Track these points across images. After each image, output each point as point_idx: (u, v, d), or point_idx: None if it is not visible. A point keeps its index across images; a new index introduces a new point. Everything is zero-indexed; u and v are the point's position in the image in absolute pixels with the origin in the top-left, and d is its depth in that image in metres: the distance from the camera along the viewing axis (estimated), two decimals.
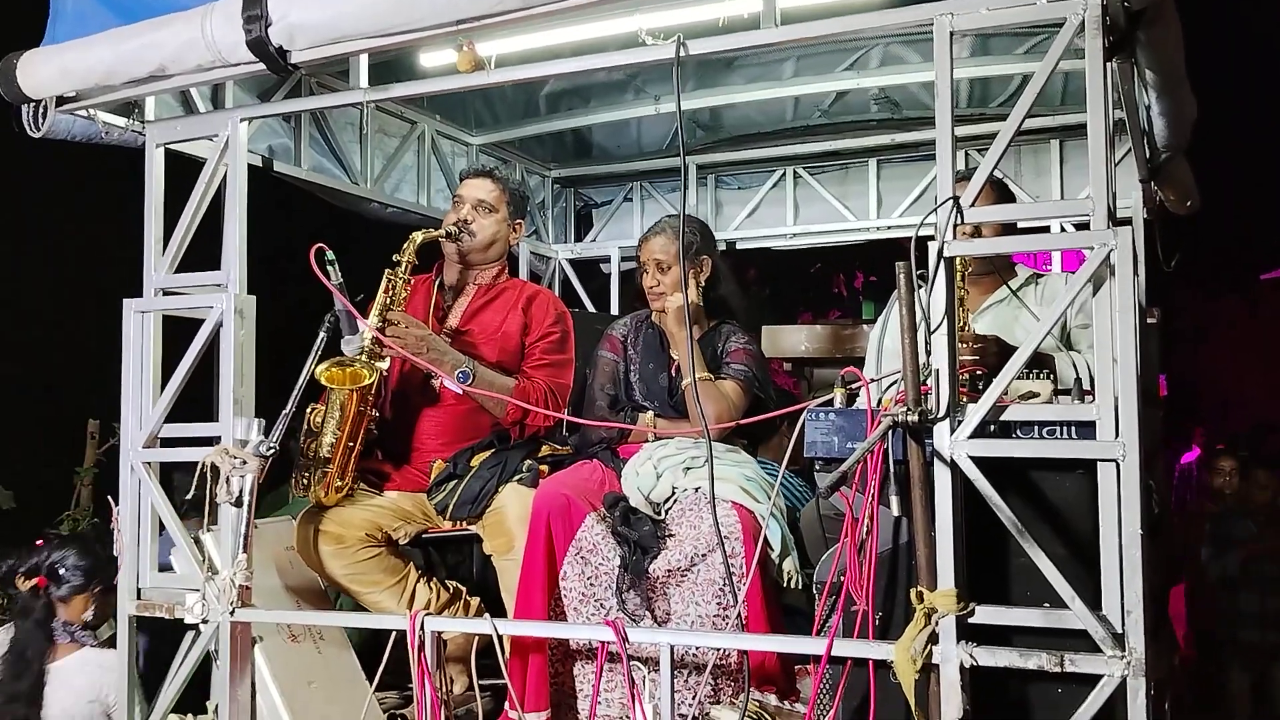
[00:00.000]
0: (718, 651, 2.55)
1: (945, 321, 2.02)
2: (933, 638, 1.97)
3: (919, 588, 2.00)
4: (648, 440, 3.04)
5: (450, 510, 2.92)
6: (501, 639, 2.41)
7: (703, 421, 2.52)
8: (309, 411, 2.92)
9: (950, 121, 2.08)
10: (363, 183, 3.86)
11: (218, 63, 2.47)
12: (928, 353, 2.03)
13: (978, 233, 2.60)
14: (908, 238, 2.05)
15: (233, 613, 2.57)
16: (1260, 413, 9.56)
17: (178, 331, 2.80)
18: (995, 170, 2.10)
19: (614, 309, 4.83)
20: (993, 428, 2.04)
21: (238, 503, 2.55)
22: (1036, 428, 2.04)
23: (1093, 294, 2.01)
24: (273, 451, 2.57)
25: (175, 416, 2.75)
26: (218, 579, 2.59)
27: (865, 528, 2.10)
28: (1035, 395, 2.16)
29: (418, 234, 3.09)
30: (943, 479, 2.01)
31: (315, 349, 2.76)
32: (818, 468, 2.31)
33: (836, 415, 2.26)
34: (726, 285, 3.28)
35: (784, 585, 2.66)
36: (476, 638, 2.82)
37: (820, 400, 2.30)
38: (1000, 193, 2.96)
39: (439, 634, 2.43)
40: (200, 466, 2.56)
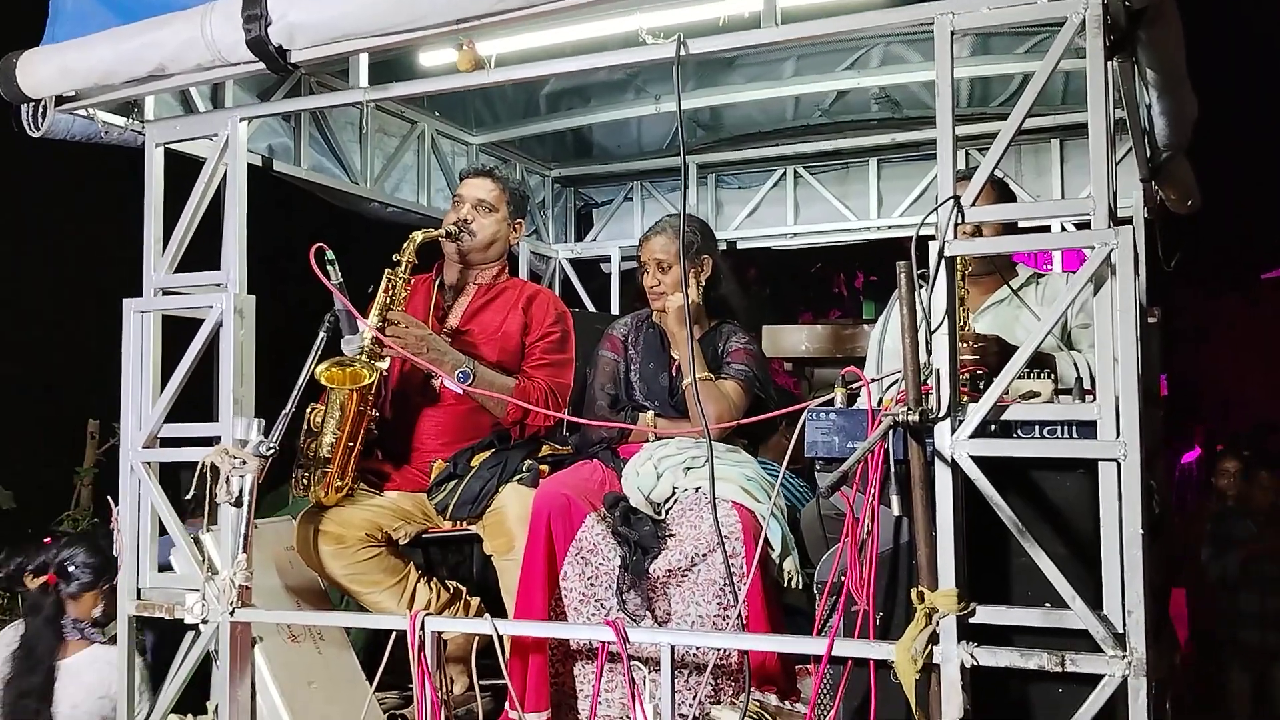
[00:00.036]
0: (718, 651, 2.54)
1: (946, 321, 2.02)
2: (933, 638, 1.96)
3: (920, 587, 2.00)
4: (648, 440, 3.03)
5: (450, 510, 2.92)
6: (502, 639, 2.41)
7: (703, 421, 2.52)
8: (309, 411, 2.92)
9: (951, 121, 2.08)
10: (363, 182, 3.86)
11: (217, 62, 2.47)
12: (928, 352, 2.03)
13: (978, 232, 2.60)
14: (908, 237, 2.05)
15: (233, 613, 2.57)
16: (1261, 412, 9.56)
17: (178, 331, 2.79)
18: (996, 170, 2.10)
19: (614, 309, 4.82)
20: (993, 427, 2.03)
21: (237, 503, 2.55)
22: (1037, 427, 2.03)
23: (1093, 293, 2.01)
24: (272, 451, 2.57)
25: (175, 416, 2.75)
26: (217, 579, 2.59)
27: (866, 527, 2.10)
28: (1036, 395, 2.16)
29: (418, 234, 3.09)
30: (943, 479, 2.01)
31: (315, 349, 2.76)
32: (818, 467, 2.31)
33: (837, 415, 2.25)
34: (727, 285, 3.28)
35: (784, 585, 2.66)
36: (477, 638, 2.82)
37: (821, 400, 2.30)
38: (1001, 192, 2.96)
39: (439, 634, 2.42)
40: (200, 466, 2.56)
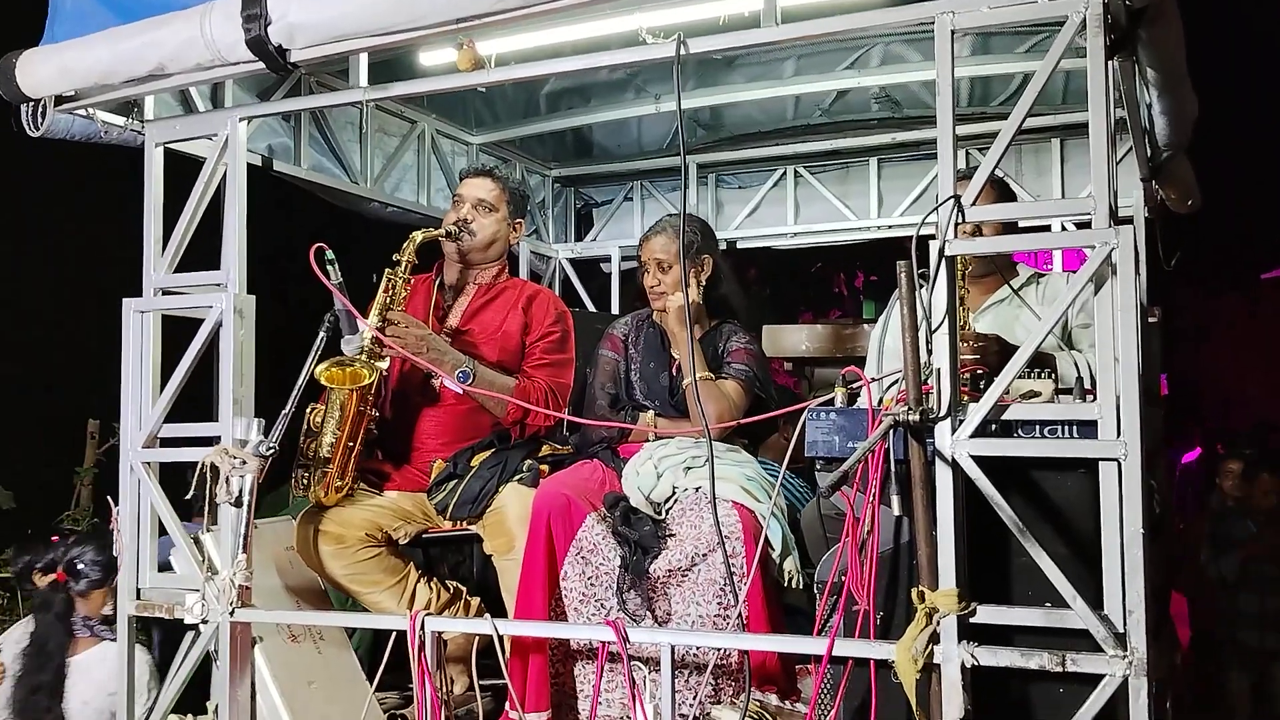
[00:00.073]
0: (718, 651, 2.54)
1: (946, 321, 2.02)
2: (934, 637, 1.96)
3: (920, 587, 1.99)
4: (648, 440, 3.03)
5: (450, 510, 2.92)
6: (502, 639, 2.41)
7: (703, 421, 2.52)
8: (309, 411, 2.91)
9: (951, 120, 2.08)
10: (363, 182, 3.85)
11: (217, 61, 2.47)
12: (929, 352, 2.03)
13: (978, 232, 2.60)
14: (909, 237, 2.04)
15: (232, 613, 2.57)
16: (1261, 411, 9.56)
17: (178, 331, 2.79)
18: (996, 169, 2.09)
19: (614, 309, 4.82)
20: (994, 427, 2.03)
21: (237, 503, 2.55)
22: (1038, 427, 2.03)
23: (1094, 293, 2.00)
24: (272, 451, 2.57)
25: (175, 416, 2.75)
26: (217, 579, 2.59)
27: (866, 527, 2.10)
28: (1037, 394, 2.15)
29: (417, 233, 3.08)
30: (944, 478, 2.00)
31: (315, 349, 2.76)
32: (818, 467, 2.31)
33: (837, 415, 2.25)
34: (727, 284, 3.27)
35: (785, 585, 2.66)
36: (477, 638, 2.82)
37: (821, 400, 2.30)
38: (1001, 192, 2.95)
39: (439, 634, 2.42)
40: (200, 466, 2.56)
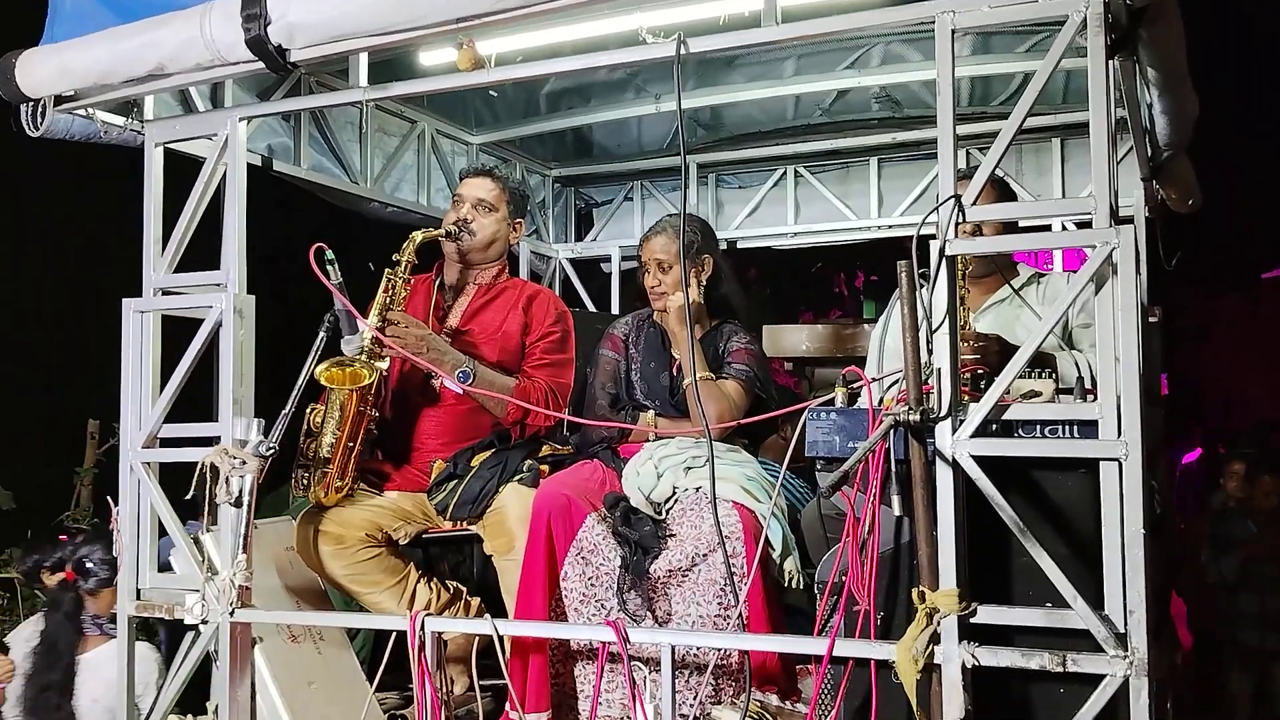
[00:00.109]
0: (719, 652, 2.54)
1: (947, 320, 2.01)
2: (934, 638, 1.96)
3: (921, 587, 1.99)
4: (648, 440, 3.03)
5: (450, 510, 2.91)
6: (502, 639, 2.41)
7: (704, 421, 2.52)
8: (309, 411, 2.91)
9: (952, 120, 2.08)
10: (363, 182, 3.85)
11: (216, 61, 2.46)
12: (929, 352, 2.02)
13: (979, 231, 2.60)
14: (909, 237, 2.04)
15: (232, 613, 2.57)
16: (1262, 411, 9.56)
17: (178, 331, 2.79)
18: (996, 169, 2.09)
19: (614, 309, 4.82)
20: (995, 427, 2.03)
21: (237, 503, 2.54)
22: (1038, 427, 2.03)
23: (1095, 293, 2.00)
24: (272, 452, 2.57)
25: (175, 416, 2.75)
26: (217, 579, 2.59)
27: (867, 527, 2.09)
28: (1037, 394, 2.15)
29: (417, 233, 3.08)
30: (944, 478, 2.00)
31: (315, 349, 2.76)
32: (819, 467, 2.30)
33: (838, 415, 2.25)
34: (728, 284, 3.27)
35: (785, 585, 2.65)
36: (477, 638, 2.82)
37: (821, 400, 2.29)
38: (1001, 191, 2.95)
39: (439, 634, 2.42)
40: (200, 467, 2.56)
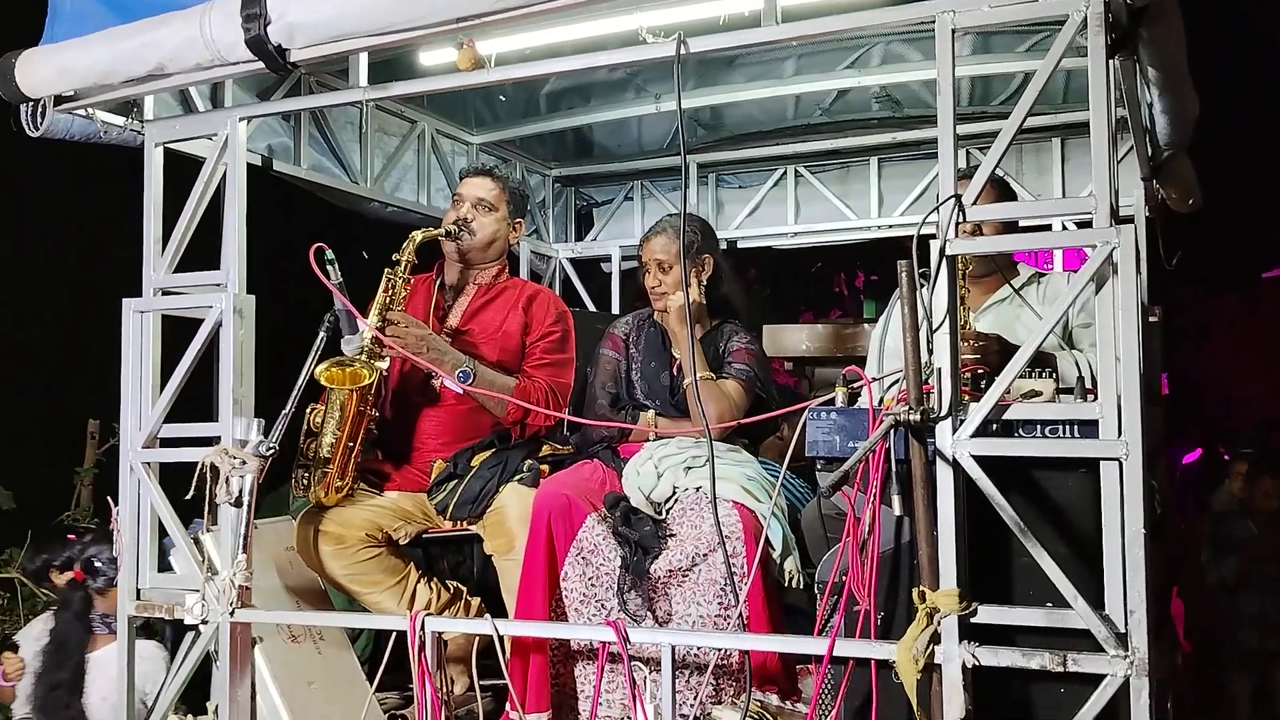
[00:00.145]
0: (719, 652, 2.54)
1: (947, 320, 2.01)
2: (935, 638, 1.96)
3: (921, 587, 1.99)
4: (648, 439, 3.03)
5: (451, 510, 2.91)
6: (502, 639, 2.41)
7: (704, 421, 2.52)
8: (309, 411, 2.91)
9: (952, 119, 2.07)
10: (363, 182, 3.85)
11: (216, 61, 2.46)
12: (930, 351, 2.02)
13: (979, 231, 2.60)
14: (909, 236, 2.04)
15: (232, 613, 2.57)
16: (1263, 410, 9.54)
17: (178, 331, 2.79)
18: (997, 168, 2.09)
19: (615, 308, 4.82)
20: (995, 427, 2.03)
21: (237, 503, 2.54)
22: (1039, 427, 2.03)
23: (1095, 292, 2.00)
24: (272, 452, 2.57)
25: (175, 416, 2.75)
26: (217, 579, 2.59)
27: (867, 527, 2.09)
28: (1038, 394, 2.15)
29: (417, 233, 3.08)
30: (945, 478, 2.00)
31: (315, 349, 2.76)
32: (819, 467, 2.30)
33: (838, 414, 2.25)
34: (728, 284, 3.27)
35: (785, 585, 2.65)
36: (477, 638, 2.82)
37: (822, 399, 2.29)
38: (1002, 191, 2.95)
39: (439, 634, 2.42)
40: (200, 467, 2.56)
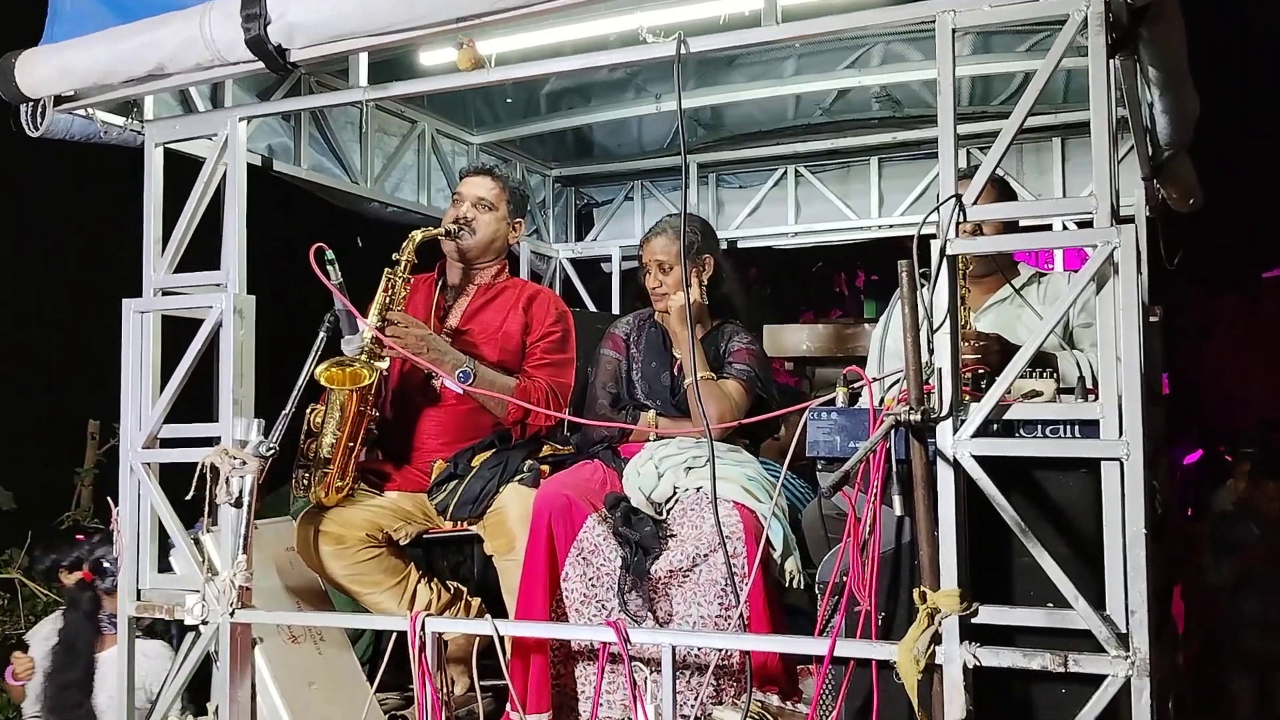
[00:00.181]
0: (720, 652, 2.54)
1: (948, 320, 2.01)
2: (936, 638, 1.96)
3: (922, 588, 1.99)
4: (649, 440, 3.03)
5: (451, 510, 2.91)
6: (503, 640, 2.41)
7: (704, 421, 2.52)
8: (309, 412, 2.91)
9: (952, 119, 2.07)
10: (363, 182, 3.85)
11: (216, 61, 2.46)
12: (930, 351, 2.02)
13: (979, 231, 2.59)
14: (910, 236, 2.04)
15: (233, 614, 2.56)
16: (1263, 410, 9.53)
17: (178, 331, 2.79)
18: (997, 168, 2.09)
19: (615, 308, 4.82)
20: (996, 427, 2.03)
21: (237, 503, 2.54)
22: (1040, 427, 2.02)
23: (1096, 292, 2.00)
24: (272, 452, 2.56)
25: (175, 417, 2.75)
26: (217, 580, 2.59)
27: (868, 527, 2.09)
28: (1038, 394, 2.15)
29: (417, 233, 3.08)
30: (946, 478, 2.00)
31: (315, 349, 2.76)
32: (820, 467, 2.30)
33: (839, 414, 2.24)
34: (729, 284, 3.27)
35: (786, 585, 2.65)
36: (478, 638, 2.82)
37: (822, 399, 2.29)
38: (1002, 191, 2.95)
39: (440, 635, 2.42)
40: (200, 467, 2.56)
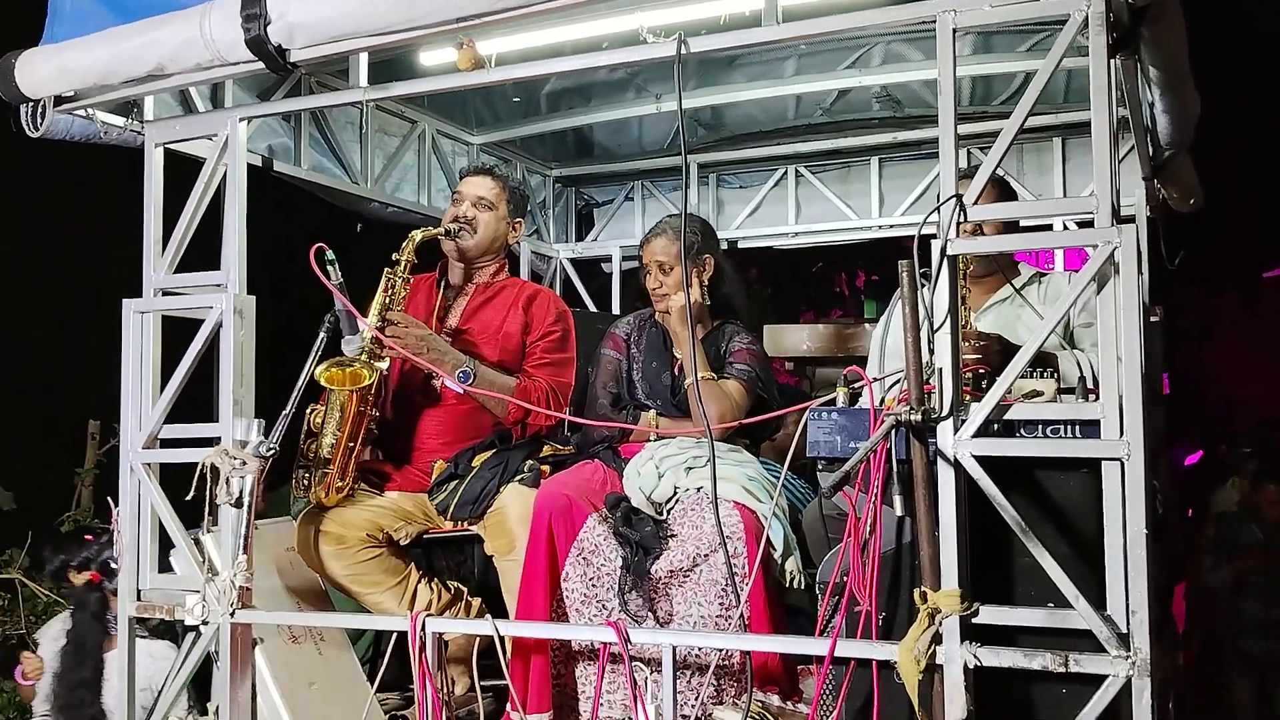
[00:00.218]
0: (720, 652, 2.53)
1: (948, 320, 2.01)
2: (936, 638, 1.96)
3: (923, 588, 1.99)
4: (649, 440, 3.02)
5: (451, 510, 2.91)
6: (503, 640, 2.40)
7: (705, 421, 2.51)
8: (309, 412, 2.91)
9: (953, 119, 2.07)
10: (363, 182, 3.85)
11: (216, 61, 2.46)
12: (931, 351, 2.02)
13: (980, 231, 2.59)
14: (910, 236, 2.04)
15: (233, 614, 2.56)
16: (1264, 410, 9.53)
17: (178, 332, 2.79)
18: (998, 168, 2.09)
19: (615, 309, 4.81)
20: (996, 427, 2.03)
21: (238, 503, 2.54)
22: (1040, 427, 2.02)
23: (1096, 292, 2.00)
24: (272, 452, 2.56)
25: (175, 417, 2.75)
26: (218, 580, 2.59)
27: (868, 528, 2.09)
28: (1039, 394, 2.15)
29: (417, 232, 3.08)
30: (946, 478, 2.00)
31: (315, 349, 2.76)
32: (820, 467, 2.30)
33: (839, 414, 2.24)
34: (729, 284, 3.27)
35: (786, 585, 2.65)
36: (478, 638, 2.82)
37: (823, 399, 2.29)
38: (1002, 191, 2.95)
39: (440, 635, 2.42)
40: (200, 467, 2.56)
